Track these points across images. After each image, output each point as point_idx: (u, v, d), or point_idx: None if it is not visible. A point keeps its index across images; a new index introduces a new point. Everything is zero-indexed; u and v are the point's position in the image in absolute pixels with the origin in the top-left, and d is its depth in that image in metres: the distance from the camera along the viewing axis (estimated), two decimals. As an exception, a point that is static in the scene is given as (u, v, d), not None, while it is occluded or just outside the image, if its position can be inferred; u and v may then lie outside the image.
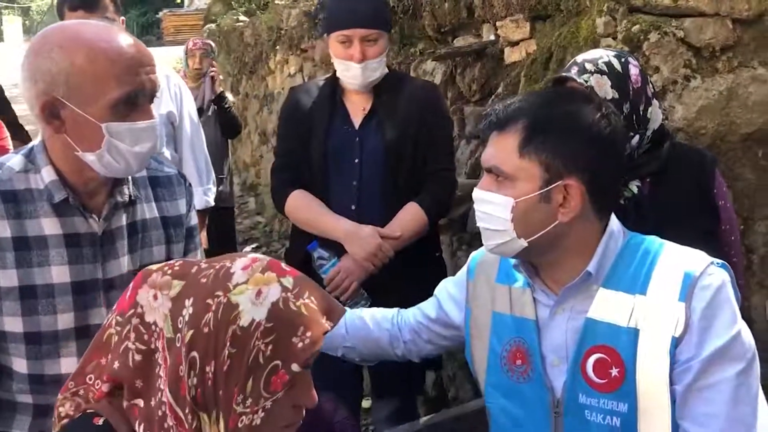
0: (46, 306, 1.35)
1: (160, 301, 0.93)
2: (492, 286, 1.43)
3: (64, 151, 1.33)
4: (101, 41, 1.26)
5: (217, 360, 0.89)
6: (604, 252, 1.28)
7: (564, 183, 1.23)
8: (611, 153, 1.28)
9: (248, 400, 0.89)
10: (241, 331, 0.89)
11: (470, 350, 1.46)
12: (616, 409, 1.23)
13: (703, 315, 1.20)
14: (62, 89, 1.25)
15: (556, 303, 1.31)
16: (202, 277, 0.94)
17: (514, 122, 1.26)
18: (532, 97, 1.42)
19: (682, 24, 2.21)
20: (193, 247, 1.60)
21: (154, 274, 0.97)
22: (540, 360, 1.32)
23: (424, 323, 1.56)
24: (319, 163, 2.18)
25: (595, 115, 1.27)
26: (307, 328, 0.91)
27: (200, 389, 0.90)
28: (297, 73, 5.91)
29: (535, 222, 1.25)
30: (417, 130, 2.17)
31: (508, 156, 1.25)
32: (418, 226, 2.15)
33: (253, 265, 0.95)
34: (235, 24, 8.63)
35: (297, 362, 0.90)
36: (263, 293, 0.91)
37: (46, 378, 1.38)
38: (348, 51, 2.10)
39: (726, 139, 2.26)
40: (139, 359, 0.94)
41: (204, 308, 0.90)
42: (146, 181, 1.51)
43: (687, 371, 1.20)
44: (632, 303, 1.24)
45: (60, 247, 1.35)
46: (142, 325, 0.95)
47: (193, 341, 0.89)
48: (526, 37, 2.80)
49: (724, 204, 1.88)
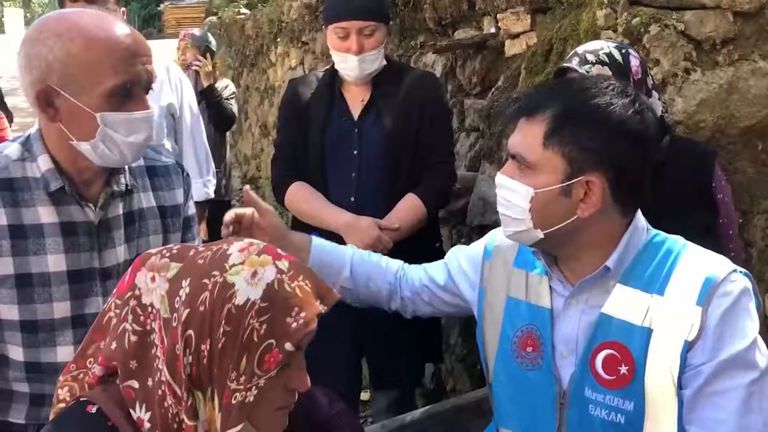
0: (42, 294, 1.35)
1: (157, 283, 0.95)
2: (509, 270, 1.41)
3: (60, 139, 1.32)
4: (98, 30, 1.26)
5: (213, 338, 0.90)
6: (626, 248, 1.25)
7: (586, 179, 1.20)
8: (640, 150, 1.23)
9: (242, 377, 0.91)
10: (236, 310, 0.91)
11: (482, 333, 1.44)
12: (621, 407, 1.22)
13: (720, 321, 1.17)
14: (57, 78, 1.25)
15: (571, 294, 1.30)
16: (199, 259, 0.95)
17: (543, 111, 1.23)
18: (561, 85, 1.40)
19: (682, 17, 2.21)
20: (191, 237, 1.60)
21: (152, 257, 0.98)
22: (551, 350, 1.31)
23: (429, 287, 1.55)
24: (318, 154, 2.18)
25: (629, 110, 1.21)
26: (301, 309, 0.93)
27: (195, 367, 0.91)
28: (298, 66, 5.90)
29: (553, 215, 1.23)
30: (416, 121, 2.17)
31: (532, 145, 1.23)
32: (417, 217, 2.14)
33: (249, 248, 0.96)
34: (237, 16, 8.60)
35: (290, 341, 0.91)
36: (259, 274, 0.93)
37: (43, 366, 1.38)
38: (345, 43, 2.10)
39: (726, 132, 2.25)
40: (134, 340, 0.96)
41: (200, 287, 0.92)
42: (144, 170, 1.50)
43: (698, 375, 1.18)
44: (648, 302, 1.22)
45: (56, 235, 1.35)
46: (139, 307, 0.96)
47: (189, 320, 0.91)
48: (526, 29, 2.79)
49: (723, 198, 1.88)
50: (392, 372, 2.27)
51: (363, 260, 1.58)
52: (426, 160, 2.19)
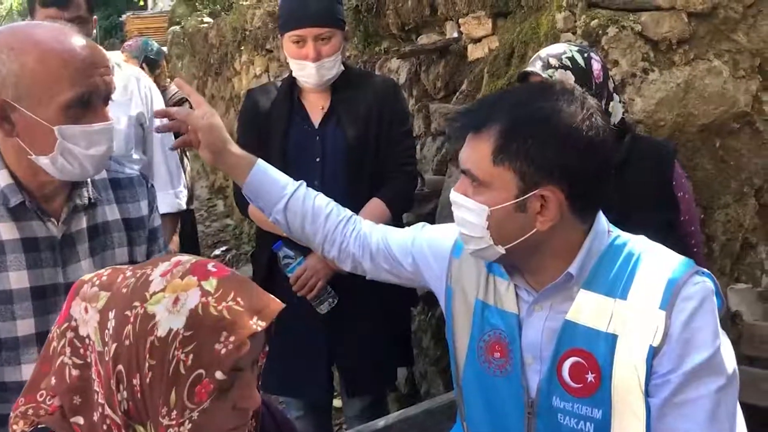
0: (4, 312, 1.32)
1: (90, 314, 0.92)
2: (479, 272, 1.37)
3: (18, 154, 1.30)
4: (53, 42, 1.24)
5: (141, 372, 0.86)
6: (588, 253, 1.23)
7: (540, 192, 1.17)
8: (593, 157, 1.19)
9: (173, 412, 0.86)
10: (159, 342, 0.86)
11: (452, 334, 1.41)
12: (590, 415, 1.20)
13: (685, 327, 1.15)
14: (12, 91, 1.23)
15: (535, 300, 1.27)
16: (123, 287, 0.91)
17: (489, 126, 1.19)
18: (507, 95, 1.35)
19: (639, 18, 2.26)
20: (157, 249, 1.58)
21: (85, 285, 0.95)
22: (519, 357, 1.28)
23: (388, 257, 1.51)
24: (280, 163, 2.15)
25: (576, 117, 1.18)
26: (231, 333, 0.87)
27: (131, 402, 0.88)
28: (263, 74, 5.88)
29: (512, 230, 1.20)
30: (376, 126, 2.18)
31: (482, 162, 1.20)
32: (382, 221, 2.14)
33: (173, 270, 0.91)
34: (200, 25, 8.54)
35: (221, 369, 0.86)
36: (181, 300, 0.88)
37: (8, 385, 1.35)
38: (302, 50, 2.10)
39: (684, 130, 2.30)
40: (76, 374, 0.92)
41: (124, 320, 0.88)
42: (107, 183, 1.48)
43: (665, 385, 1.16)
44: (612, 307, 1.20)
45: (17, 251, 1.33)
46: (77, 339, 0.93)
47: (117, 354, 0.87)
48: (488, 33, 2.83)
49: (683, 195, 1.91)
50: (364, 378, 2.27)
51: (304, 200, 1.54)
52: (388, 165, 2.20)
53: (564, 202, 1.18)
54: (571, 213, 1.20)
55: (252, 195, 1.57)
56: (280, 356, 2.27)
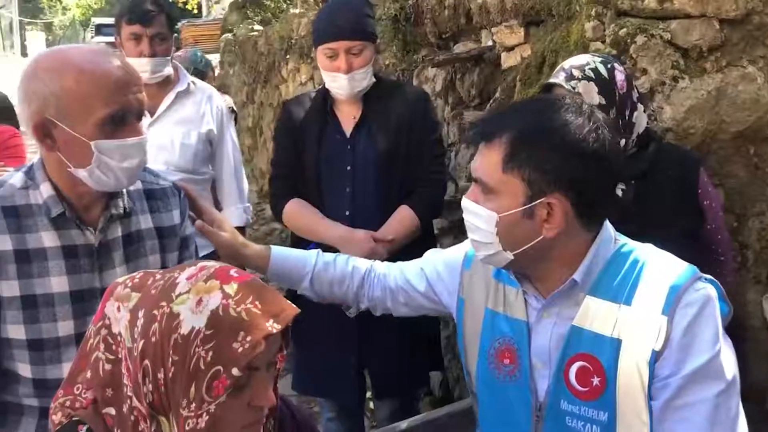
0: (46, 314, 1.42)
1: (122, 313, 1.00)
2: (488, 281, 1.43)
3: (59, 167, 1.41)
4: (89, 64, 1.34)
5: (165, 367, 0.94)
6: (593, 260, 1.27)
7: (546, 200, 1.22)
8: (599, 167, 1.24)
9: (192, 404, 0.93)
10: (182, 339, 0.93)
11: (462, 343, 1.47)
12: (596, 418, 1.24)
13: (685, 332, 1.18)
14: (53, 110, 1.33)
15: (543, 307, 1.32)
16: (152, 289, 0.99)
17: (499, 136, 1.25)
18: (518, 107, 1.41)
19: (668, 26, 2.25)
20: (188, 256, 1.67)
21: (119, 286, 1.03)
22: (528, 362, 1.33)
23: (404, 289, 1.58)
24: (313, 171, 2.25)
25: (583, 129, 1.23)
26: (248, 333, 0.94)
27: (156, 394, 0.95)
28: (308, 81, 6.00)
29: (519, 236, 1.25)
30: (406, 136, 2.24)
31: (492, 170, 1.25)
32: (410, 228, 2.21)
33: (198, 274, 0.99)
34: (250, 33, 8.74)
35: (237, 366, 0.93)
36: (203, 302, 0.95)
37: (50, 382, 1.45)
38: (334, 63, 2.18)
39: (716, 138, 2.28)
40: (108, 368, 1.01)
41: (151, 319, 0.96)
42: (141, 193, 1.58)
43: (665, 388, 1.19)
44: (617, 313, 1.24)
45: (58, 258, 1.43)
46: (110, 336, 1.01)
47: (144, 350, 0.95)
48: (521, 42, 2.85)
49: (710, 204, 1.90)
50: (392, 381, 2.32)
51: (326, 269, 1.62)
52: (418, 173, 2.26)
53: (570, 210, 1.23)
54: (577, 221, 1.25)
55: (277, 279, 1.65)
56: (313, 358, 2.36)
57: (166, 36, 2.62)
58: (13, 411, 1.50)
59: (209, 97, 2.81)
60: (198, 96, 2.76)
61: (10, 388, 1.48)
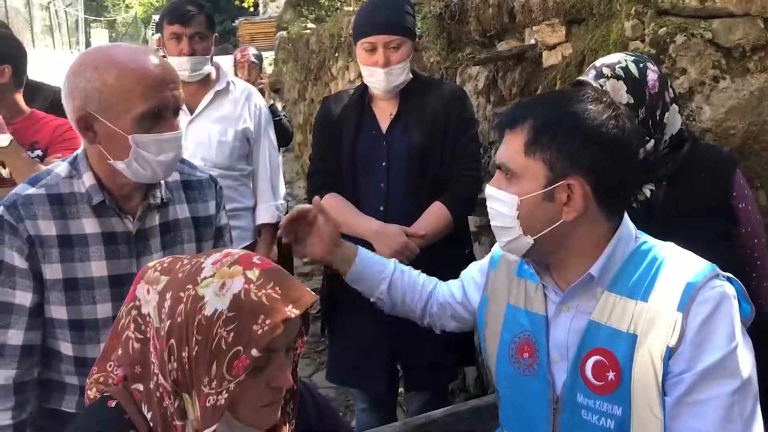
0: (86, 297, 1.52)
1: (151, 295, 1.06)
2: (510, 278, 1.47)
3: (100, 159, 1.49)
4: (129, 62, 1.42)
5: (189, 346, 1.00)
6: (611, 256, 1.30)
7: (567, 182, 1.26)
8: (618, 154, 1.28)
9: (213, 382, 0.98)
10: (206, 320, 0.99)
11: (483, 338, 1.51)
12: (611, 412, 1.26)
13: (700, 329, 1.20)
14: (95, 105, 1.41)
15: (562, 300, 1.35)
16: (180, 272, 1.06)
17: (522, 122, 1.30)
18: (541, 98, 1.45)
19: (710, 25, 2.21)
20: (222, 245, 1.74)
21: (149, 270, 1.10)
22: (546, 355, 1.36)
23: (449, 301, 1.64)
24: (349, 166, 2.30)
25: (603, 115, 1.28)
26: (267, 316, 0.99)
27: (180, 372, 1.01)
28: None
29: (539, 220, 1.29)
30: (441, 134, 2.26)
31: (515, 154, 1.30)
32: (443, 224, 2.24)
33: (223, 259, 1.05)
34: (302, 31, 8.88)
35: (257, 347, 0.98)
36: (227, 285, 1.01)
37: (89, 360, 1.53)
38: (372, 57, 2.22)
39: (759, 139, 2.23)
40: (137, 347, 1.07)
41: (178, 300, 1.02)
42: (179, 184, 1.66)
43: (679, 384, 1.21)
44: (633, 309, 1.26)
45: (99, 244, 1.52)
46: (139, 317, 1.08)
47: (170, 330, 1.01)
48: (562, 40, 2.83)
49: (745, 206, 1.86)
50: (422, 374, 2.36)
51: (402, 278, 1.68)
52: (452, 169, 2.28)
53: (589, 194, 1.27)
54: (596, 207, 1.29)
55: (355, 280, 1.70)
56: (347, 350, 2.41)
57: (205, 35, 2.70)
58: (57, 388, 1.60)
59: (248, 96, 2.88)
60: (236, 94, 2.84)
61: (54, 365, 1.58)
